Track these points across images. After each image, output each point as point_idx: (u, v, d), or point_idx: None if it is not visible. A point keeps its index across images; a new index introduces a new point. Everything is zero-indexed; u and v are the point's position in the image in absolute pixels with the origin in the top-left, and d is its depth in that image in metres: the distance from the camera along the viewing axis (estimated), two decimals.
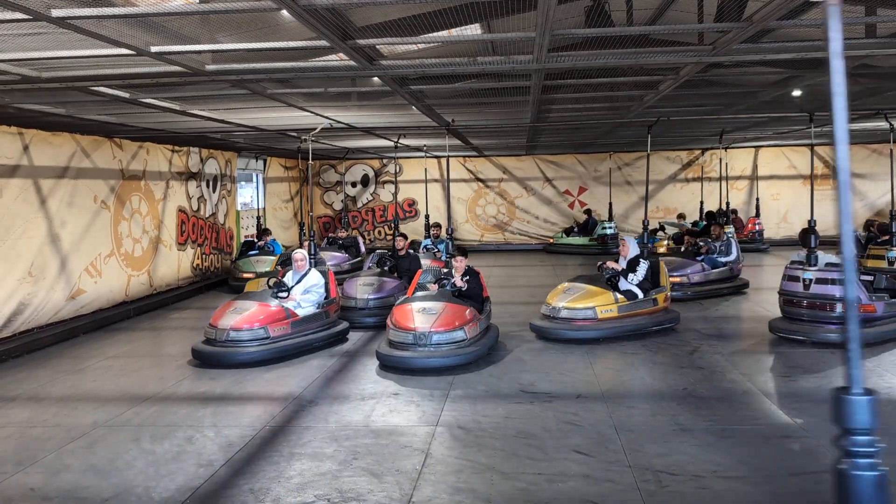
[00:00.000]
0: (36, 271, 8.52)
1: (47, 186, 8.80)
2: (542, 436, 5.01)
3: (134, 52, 4.51)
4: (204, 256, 13.13)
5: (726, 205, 16.00)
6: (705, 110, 9.71)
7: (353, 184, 19.85)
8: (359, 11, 4.38)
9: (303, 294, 7.89)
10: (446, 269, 8.17)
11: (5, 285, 8.05)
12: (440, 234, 13.22)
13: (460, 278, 7.65)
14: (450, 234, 11.62)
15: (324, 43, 4.51)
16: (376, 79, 6.08)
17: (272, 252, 12.90)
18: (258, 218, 15.52)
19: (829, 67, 2.65)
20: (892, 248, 10.21)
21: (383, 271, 9.79)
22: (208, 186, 13.43)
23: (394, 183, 17.55)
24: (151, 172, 11.30)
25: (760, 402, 5.70)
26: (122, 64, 5.12)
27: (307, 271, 8.10)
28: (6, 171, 8.13)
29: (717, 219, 15.98)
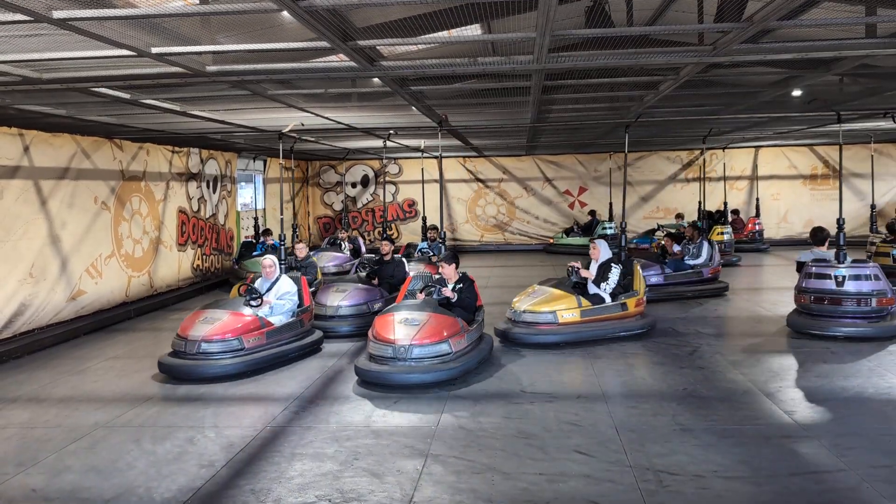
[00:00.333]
0: (37, 272, 8.53)
1: (48, 187, 8.81)
2: (543, 436, 5.02)
3: (134, 54, 4.51)
4: (204, 257, 13.14)
5: (724, 205, 16.01)
6: (706, 110, 9.71)
7: (353, 184, 19.86)
8: (359, 12, 4.39)
9: (277, 300, 7.49)
10: (437, 276, 7.62)
11: (6, 286, 8.06)
12: (437, 237, 12.77)
13: (451, 288, 7.15)
14: (442, 237, 10.63)
15: (324, 44, 4.52)
16: (376, 79, 6.09)
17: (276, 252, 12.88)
18: (255, 219, 15.52)
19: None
20: None
21: (360, 278, 9.56)
22: (208, 187, 13.44)
23: (386, 184, 17.57)
24: (152, 173, 11.31)
25: (761, 402, 5.69)
26: (123, 65, 5.13)
27: (277, 278, 7.69)
28: (7, 173, 8.14)
29: (717, 219, 15.95)
